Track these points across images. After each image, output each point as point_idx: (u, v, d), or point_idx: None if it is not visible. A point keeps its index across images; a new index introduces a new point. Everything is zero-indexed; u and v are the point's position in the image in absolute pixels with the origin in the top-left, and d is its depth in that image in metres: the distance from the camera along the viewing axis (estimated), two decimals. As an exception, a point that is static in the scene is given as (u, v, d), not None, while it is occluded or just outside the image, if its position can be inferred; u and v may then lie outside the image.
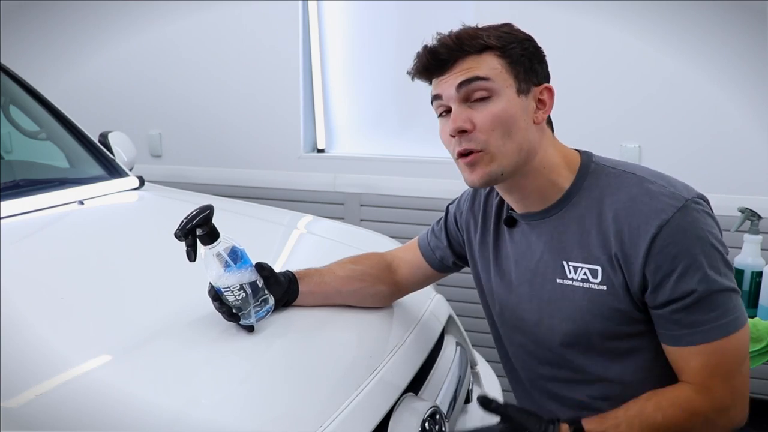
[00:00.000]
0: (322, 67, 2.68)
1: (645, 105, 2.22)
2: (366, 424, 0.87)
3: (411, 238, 1.25)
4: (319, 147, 2.77)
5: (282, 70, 2.63)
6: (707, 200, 0.91)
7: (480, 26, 0.92)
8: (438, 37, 0.92)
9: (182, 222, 0.91)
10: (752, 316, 1.70)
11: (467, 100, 0.90)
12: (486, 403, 0.86)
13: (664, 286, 0.85)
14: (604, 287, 0.91)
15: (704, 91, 2.14)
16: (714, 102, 2.14)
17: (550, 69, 0.97)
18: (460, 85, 0.90)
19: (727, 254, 0.88)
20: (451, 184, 2.36)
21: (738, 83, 2.10)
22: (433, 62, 0.92)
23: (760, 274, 1.76)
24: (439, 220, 1.19)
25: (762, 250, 1.81)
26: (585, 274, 0.92)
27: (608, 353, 0.94)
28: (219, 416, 0.78)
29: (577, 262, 0.93)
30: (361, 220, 2.57)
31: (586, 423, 0.85)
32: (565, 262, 0.94)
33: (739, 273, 1.80)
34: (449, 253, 1.16)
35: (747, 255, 1.80)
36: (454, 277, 1.24)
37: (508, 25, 0.93)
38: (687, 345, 0.87)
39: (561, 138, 1.01)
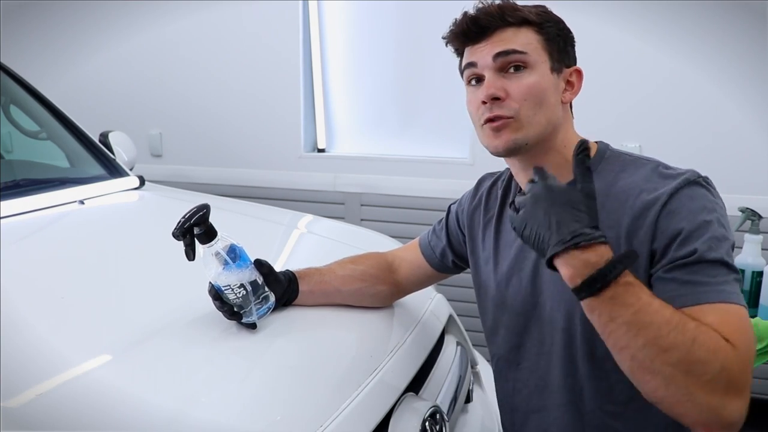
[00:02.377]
0: (322, 67, 2.68)
1: (645, 104, 2.22)
2: (366, 424, 0.87)
3: (411, 238, 1.25)
4: (320, 147, 2.77)
5: (282, 70, 2.63)
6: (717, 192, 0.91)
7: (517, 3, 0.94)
8: (479, 5, 0.93)
9: (179, 221, 0.91)
10: (753, 316, 1.70)
11: (502, 70, 0.92)
12: (581, 149, 0.81)
13: (670, 246, 0.84)
14: None
15: (704, 91, 2.15)
16: (714, 101, 2.14)
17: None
18: (498, 55, 0.91)
19: (733, 244, 0.86)
20: (451, 184, 2.37)
21: (738, 83, 2.10)
22: (474, 29, 0.92)
23: (760, 273, 1.76)
24: (441, 219, 1.19)
25: (762, 249, 1.81)
26: None
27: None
28: (219, 416, 0.78)
29: None
30: (362, 219, 2.58)
31: (631, 274, 0.75)
32: None
33: (739, 273, 1.80)
34: (449, 253, 1.16)
35: (747, 255, 1.80)
36: (454, 277, 1.24)
37: (543, 6, 0.95)
38: (699, 303, 0.79)
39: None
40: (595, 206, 0.78)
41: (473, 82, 0.95)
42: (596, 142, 1.00)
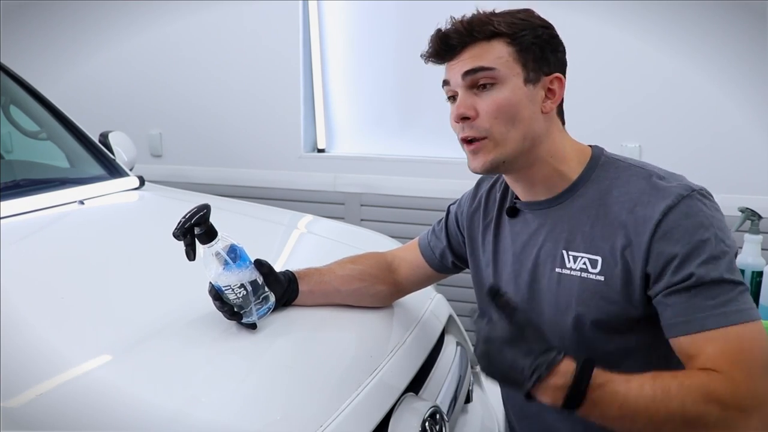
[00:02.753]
0: (322, 67, 2.68)
1: (645, 105, 2.22)
2: (366, 424, 0.87)
3: (411, 238, 1.25)
4: (320, 147, 2.77)
5: (282, 70, 2.63)
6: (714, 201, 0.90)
7: (496, 11, 0.93)
8: (451, 21, 0.92)
9: (180, 221, 0.91)
10: (752, 316, 1.70)
11: (473, 87, 0.91)
12: (495, 293, 0.83)
13: (665, 271, 0.84)
14: (602, 278, 0.90)
15: (704, 91, 2.15)
16: (714, 102, 2.14)
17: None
18: (466, 73, 0.91)
19: (734, 253, 0.86)
20: (451, 184, 2.36)
21: (738, 83, 2.10)
22: (443, 47, 0.92)
23: (760, 274, 1.76)
24: (440, 220, 1.19)
25: (762, 250, 1.81)
26: (584, 263, 0.91)
27: (601, 352, 0.92)
28: (219, 416, 0.78)
29: (578, 251, 0.92)
30: (362, 220, 2.58)
31: (600, 373, 0.77)
32: (564, 251, 0.94)
33: (743, 281, 1.80)
34: (449, 253, 1.16)
35: (747, 255, 1.80)
36: (454, 277, 1.24)
37: (527, 11, 0.94)
38: (699, 330, 0.80)
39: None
40: (535, 329, 0.81)
41: (451, 99, 0.95)
42: (590, 147, 0.99)
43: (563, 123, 0.98)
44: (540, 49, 0.91)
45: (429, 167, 2.49)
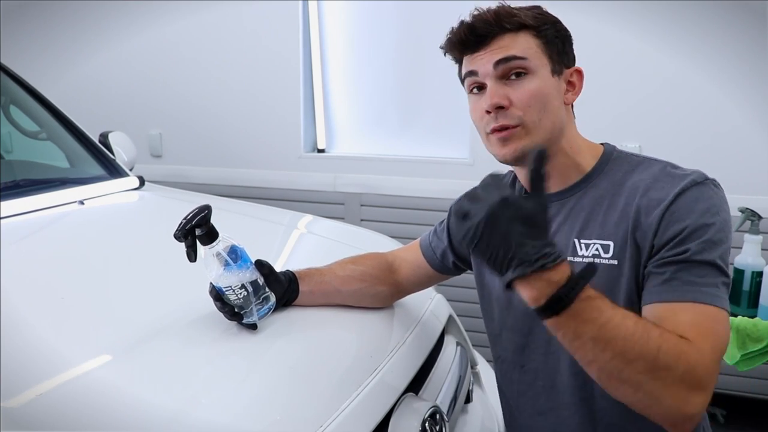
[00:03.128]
0: (322, 67, 2.68)
1: (645, 105, 2.22)
2: (366, 424, 0.87)
3: (411, 238, 1.25)
4: (320, 147, 2.77)
5: (282, 70, 2.63)
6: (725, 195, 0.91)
7: (513, 6, 0.93)
8: (475, 12, 0.92)
9: (181, 223, 0.91)
10: (752, 316, 1.70)
11: (503, 77, 0.91)
12: (542, 156, 0.76)
13: (666, 245, 0.85)
14: (615, 261, 0.90)
15: (704, 91, 2.15)
16: (714, 102, 2.14)
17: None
18: (498, 62, 0.90)
19: (729, 249, 0.86)
20: (451, 184, 2.36)
21: (738, 83, 2.10)
22: (471, 37, 0.92)
23: (760, 274, 1.76)
24: (442, 221, 1.19)
25: (762, 250, 1.81)
26: (597, 249, 0.92)
27: None
28: (219, 416, 0.78)
29: (590, 239, 0.93)
30: (362, 220, 2.58)
31: (588, 289, 0.73)
32: (576, 240, 0.94)
33: (739, 273, 1.80)
34: (450, 254, 1.16)
35: (747, 255, 1.80)
36: (454, 277, 1.24)
37: (538, 7, 0.95)
38: (678, 300, 0.81)
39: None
40: (547, 219, 0.76)
41: (475, 90, 0.94)
42: (602, 144, 1.00)
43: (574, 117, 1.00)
44: (562, 43, 0.94)
45: (429, 167, 2.50)
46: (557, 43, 0.93)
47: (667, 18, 2.13)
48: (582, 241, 0.93)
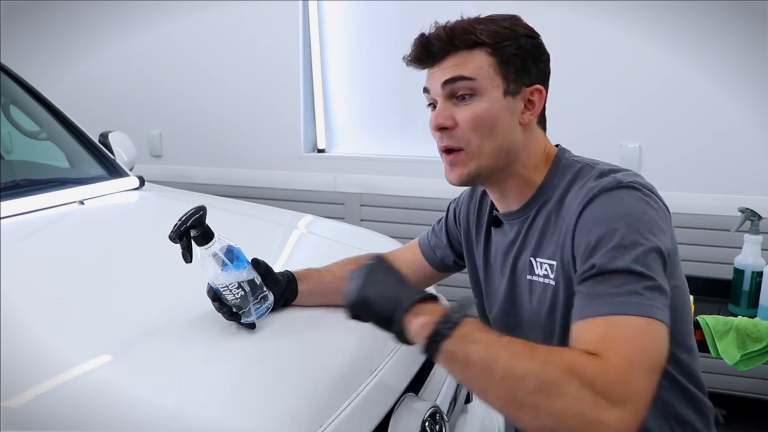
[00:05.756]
0: (322, 67, 2.68)
1: (645, 105, 2.22)
2: (366, 424, 0.87)
3: (411, 238, 1.25)
4: (320, 147, 2.77)
5: (282, 70, 2.63)
6: (657, 194, 0.85)
7: (483, 16, 0.92)
8: (435, 26, 0.92)
9: (176, 225, 0.91)
10: (752, 316, 1.70)
11: (452, 96, 0.91)
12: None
13: (577, 261, 0.83)
14: (553, 282, 0.90)
15: (704, 91, 2.15)
16: (714, 102, 2.14)
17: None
18: (446, 82, 0.90)
19: (664, 250, 0.80)
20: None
21: (738, 83, 2.10)
22: (425, 53, 0.92)
23: (760, 274, 1.76)
24: (440, 219, 1.19)
25: (762, 250, 1.81)
26: (546, 269, 0.91)
27: None
28: (218, 416, 0.78)
29: (543, 258, 0.92)
30: (361, 220, 2.58)
31: (470, 319, 0.75)
32: (532, 259, 0.94)
33: (739, 273, 1.80)
34: (449, 252, 1.16)
35: (747, 255, 1.80)
36: (454, 277, 1.24)
37: (513, 19, 0.92)
38: (593, 315, 0.75)
39: (561, 138, 1.01)
40: (396, 273, 0.83)
41: (431, 106, 0.95)
42: (556, 146, 0.98)
43: (545, 129, 0.97)
44: (522, 60, 0.90)
45: (429, 167, 2.49)
46: (515, 61, 0.90)
47: (668, 18, 2.13)
48: (538, 259, 0.93)
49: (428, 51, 0.91)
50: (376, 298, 0.81)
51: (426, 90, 0.94)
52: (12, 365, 0.80)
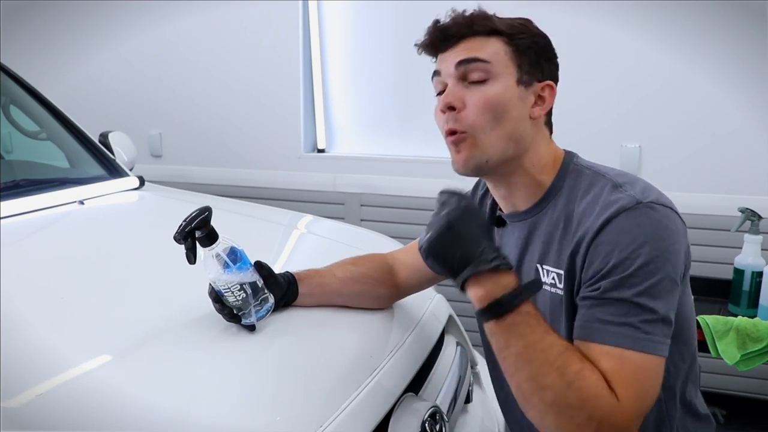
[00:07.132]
0: (322, 67, 2.68)
1: (645, 105, 2.22)
2: (366, 424, 0.87)
3: (411, 238, 1.25)
4: (320, 147, 2.77)
5: (282, 70, 2.64)
6: (677, 212, 0.84)
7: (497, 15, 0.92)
8: (451, 13, 0.91)
9: (181, 225, 0.90)
10: (752, 316, 1.70)
11: (464, 79, 0.89)
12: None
13: (586, 280, 0.83)
14: (561, 292, 0.89)
15: (704, 92, 2.15)
16: (714, 102, 2.14)
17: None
18: (460, 63, 0.89)
19: (678, 275, 0.81)
20: (451, 184, 2.36)
21: (738, 83, 2.10)
22: (441, 37, 0.91)
23: (760, 274, 1.76)
24: (439, 221, 1.19)
25: (762, 250, 1.81)
26: (553, 278, 0.90)
27: None
28: (219, 416, 0.78)
29: (549, 265, 0.91)
30: (361, 220, 2.58)
31: (529, 304, 0.77)
32: (539, 265, 0.93)
33: (739, 273, 1.81)
34: (449, 254, 1.16)
35: (747, 255, 1.80)
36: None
37: (526, 20, 0.93)
38: (597, 342, 0.77)
39: (560, 138, 1.01)
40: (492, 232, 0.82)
41: (439, 94, 0.92)
42: (564, 151, 0.96)
43: (551, 132, 0.96)
44: (536, 55, 0.91)
45: (429, 167, 2.50)
46: (530, 54, 0.90)
47: (667, 18, 2.13)
48: (544, 266, 0.92)
49: (444, 35, 0.90)
50: (455, 245, 0.79)
51: (436, 73, 0.92)
52: (12, 365, 0.80)
